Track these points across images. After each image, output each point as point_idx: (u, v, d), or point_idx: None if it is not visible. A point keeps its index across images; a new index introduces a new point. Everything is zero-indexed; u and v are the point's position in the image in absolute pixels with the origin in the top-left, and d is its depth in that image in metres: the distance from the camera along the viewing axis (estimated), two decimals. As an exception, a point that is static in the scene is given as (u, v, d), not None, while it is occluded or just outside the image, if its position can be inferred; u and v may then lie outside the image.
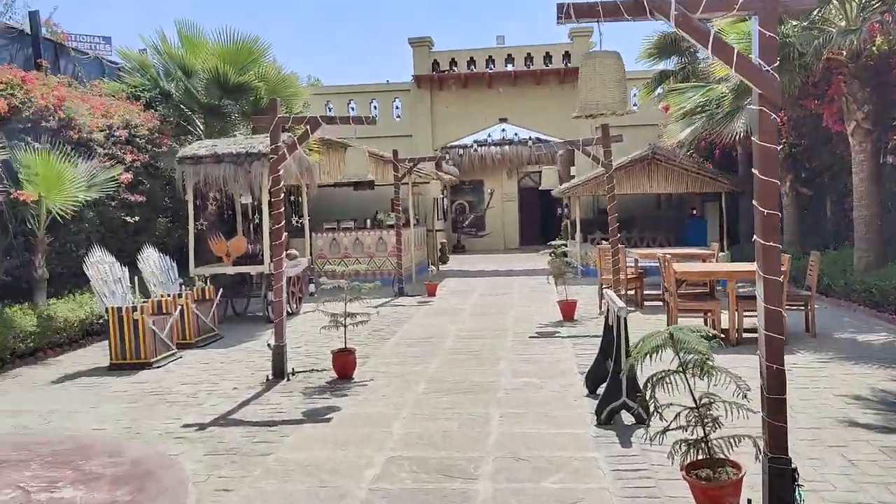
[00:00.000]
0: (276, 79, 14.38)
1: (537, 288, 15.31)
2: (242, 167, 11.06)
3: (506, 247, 27.87)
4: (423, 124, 21.65)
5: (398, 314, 12.09)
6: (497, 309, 12.38)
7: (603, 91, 3.73)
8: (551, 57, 21.81)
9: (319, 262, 16.62)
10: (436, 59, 22.02)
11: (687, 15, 3.65)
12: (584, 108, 3.81)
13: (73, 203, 9.85)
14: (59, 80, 11.41)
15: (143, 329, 8.46)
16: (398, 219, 14.92)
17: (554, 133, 22.44)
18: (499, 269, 19.93)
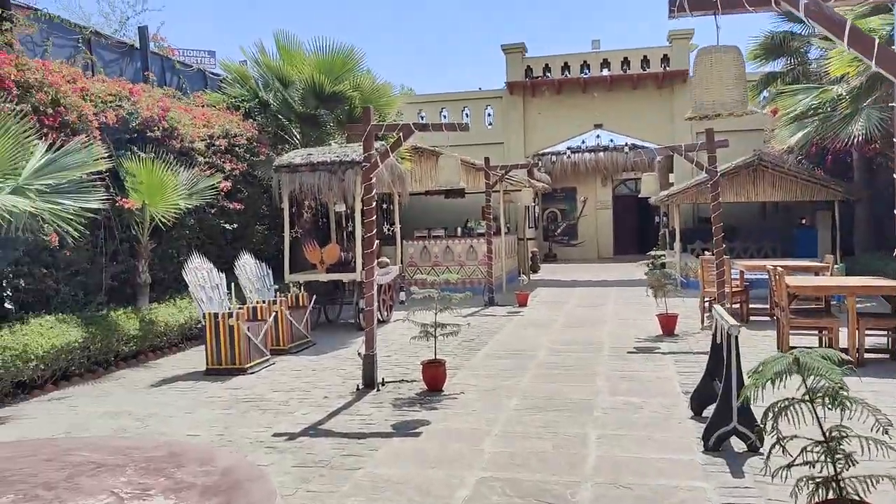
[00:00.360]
0: (370, 88, 14.48)
1: (634, 299, 14.75)
2: (336, 175, 11.13)
3: (599, 256, 27.19)
4: (516, 131, 21.40)
5: (488, 324, 11.86)
6: (592, 321, 11.96)
7: (721, 89, 3.39)
8: (649, 61, 21.14)
9: (410, 269, 16.61)
10: (529, 66, 21.74)
11: (819, 3, 3.27)
12: (699, 108, 3.47)
13: (175, 210, 10.14)
14: (164, 91, 11.83)
15: (237, 335, 8.57)
16: (489, 227, 14.72)
17: (651, 139, 21.77)
18: (592, 279, 19.39)
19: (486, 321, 12.25)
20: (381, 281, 12.20)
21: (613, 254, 27.35)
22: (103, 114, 9.42)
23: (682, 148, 10.17)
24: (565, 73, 21.50)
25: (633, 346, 9.50)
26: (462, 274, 16.35)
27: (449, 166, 6.85)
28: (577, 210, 27.60)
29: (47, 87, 8.41)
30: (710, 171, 10.04)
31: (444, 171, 6.90)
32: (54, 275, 8.80)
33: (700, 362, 8.33)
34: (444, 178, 7.03)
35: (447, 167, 6.85)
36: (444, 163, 6.93)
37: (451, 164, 6.83)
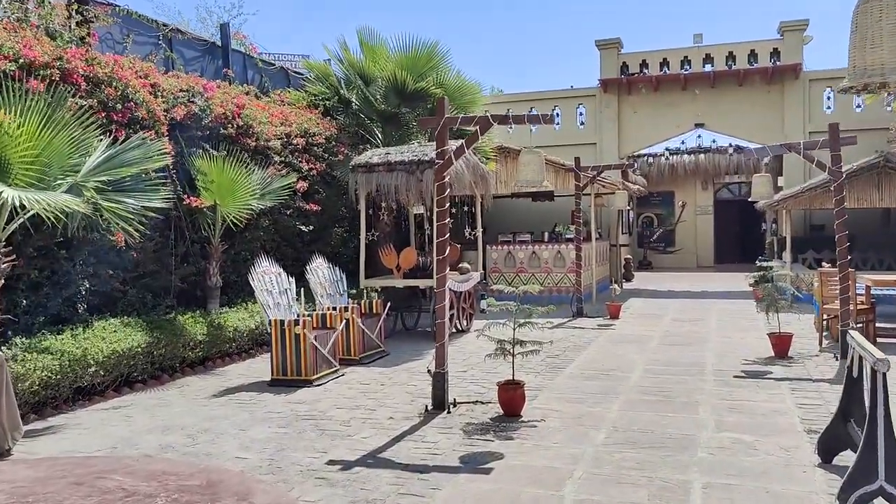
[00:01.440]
0: (454, 85, 13.82)
1: (739, 314, 13.43)
2: (414, 175, 10.50)
3: (698, 265, 25.56)
4: (609, 131, 20.27)
5: (576, 338, 10.93)
6: (692, 338, 10.83)
7: (893, 47, 2.46)
8: (757, 55, 19.58)
9: (494, 275, 15.82)
10: (625, 62, 20.57)
11: None
12: (859, 74, 2.56)
13: (247, 211, 9.74)
14: (241, 89, 11.53)
15: (304, 344, 8.03)
16: (578, 232, 13.76)
17: (758, 140, 20.09)
18: (691, 290, 18.03)
19: (574, 334, 11.31)
20: (461, 288, 11.48)
21: (714, 262, 25.66)
22: (174, 110, 9.10)
23: (800, 146, 8.96)
24: (664, 70, 20.21)
25: (741, 370, 8.38)
26: (549, 282, 15.43)
27: (531, 163, 6.04)
28: (675, 215, 26.05)
29: (116, 82, 8.12)
30: (834, 171, 8.80)
31: (526, 168, 6.10)
32: (121, 276, 8.51)
33: (821, 392, 7.19)
34: (526, 177, 6.22)
35: (530, 164, 6.05)
36: (525, 159, 6.13)
37: (533, 161, 6.03)
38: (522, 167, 6.35)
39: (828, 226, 18.75)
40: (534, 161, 6.25)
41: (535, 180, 6.26)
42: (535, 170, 6.24)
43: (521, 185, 6.52)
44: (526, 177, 6.29)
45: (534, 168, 6.23)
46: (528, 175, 6.24)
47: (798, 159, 18.65)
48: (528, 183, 6.34)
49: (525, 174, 6.30)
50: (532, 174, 6.25)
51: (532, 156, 6.31)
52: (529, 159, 6.28)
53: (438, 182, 6.61)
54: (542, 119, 6.12)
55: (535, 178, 6.23)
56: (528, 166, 6.25)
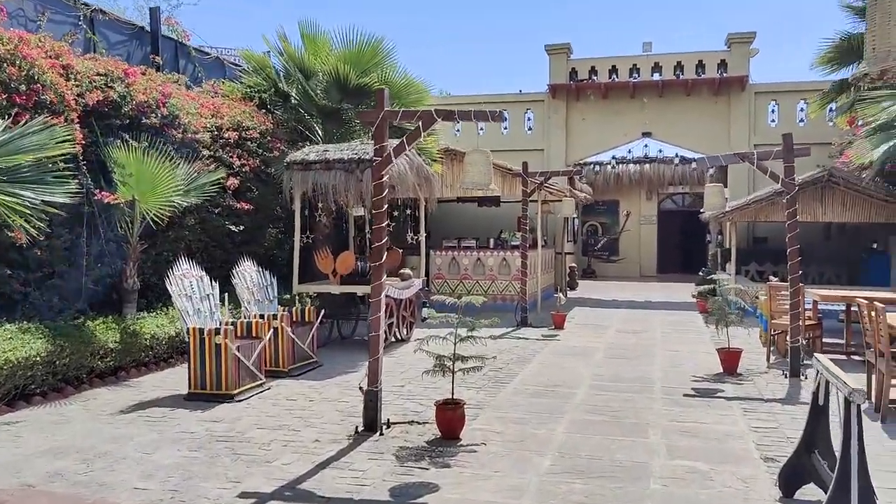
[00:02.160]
0: (399, 83, 13.22)
1: (684, 326, 13.21)
2: (354, 175, 9.89)
3: (641, 274, 25.55)
4: (557, 137, 20.00)
5: (520, 350, 10.47)
6: (638, 351, 10.49)
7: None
8: (704, 66, 19.60)
9: (437, 282, 15.29)
10: (574, 68, 20.35)
11: None
12: (879, 58, 2.11)
13: (170, 207, 8.97)
14: (168, 77, 10.72)
15: (225, 355, 7.33)
16: (524, 239, 13.34)
17: (704, 151, 20.11)
18: (635, 300, 17.85)
19: (518, 345, 10.86)
20: (402, 295, 10.91)
21: (656, 272, 25.68)
22: (88, 95, 8.28)
23: (753, 155, 8.69)
24: (613, 77, 20.07)
25: (691, 387, 8.03)
26: (493, 289, 14.97)
27: (478, 164, 5.53)
28: (620, 224, 26.01)
29: (21, 61, 7.30)
30: (787, 183, 8.55)
31: (473, 169, 5.58)
32: (21, 277, 7.66)
33: (774, 413, 6.87)
34: (472, 178, 5.71)
35: (476, 165, 5.54)
36: (472, 159, 5.61)
37: (480, 162, 5.52)
38: (469, 168, 5.83)
39: (770, 238, 18.87)
40: (481, 161, 5.73)
41: (482, 182, 5.74)
42: (482, 171, 5.72)
43: (468, 188, 6.00)
44: (472, 178, 5.76)
45: (481, 169, 5.72)
46: (475, 177, 5.72)
47: (743, 171, 18.74)
48: (475, 185, 5.82)
49: (472, 175, 5.78)
50: (479, 176, 5.73)
51: (479, 156, 5.80)
52: (476, 159, 5.77)
53: (376, 181, 6.04)
54: (491, 116, 5.61)
55: (481, 180, 5.72)
56: (475, 167, 5.73)
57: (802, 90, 18.52)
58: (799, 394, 7.72)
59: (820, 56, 14.60)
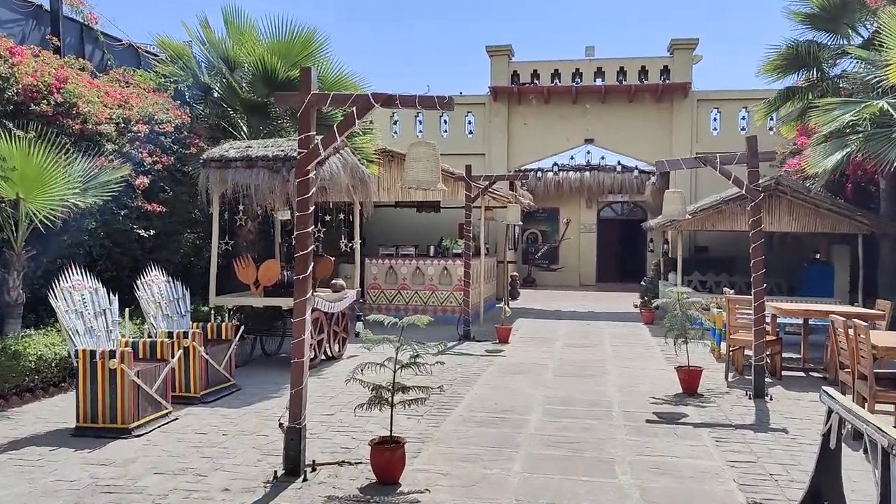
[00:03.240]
0: (332, 78, 12.22)
1: (632, 339, 12.59)
2: (279, 174, 8.85)
3: (581, 283, 25.11)
4: (499, 142, 19.28)
5: (464, 369, 9.60)
6: (590, 367, 9.76)
7: None
8: (647, 72, 19.21)
9: (373, 292, 14.29)
10: (516, 70, 19.68)
11: None
12: None
13: (63, 208, 7.75)
14: (67, 60, 9.44)
15: (122, 382, 6.21)
16: (468, 247, 12.50)
17: (646, 158, 19.79)
18: (579, 310, 17.24)
19: (462, 363, 9.98)
20: (334, 309, 9.91)
21: (595, 281, 25.29)
22: (-41, 74, 7.04)
23: (716, 160, 8.06)
24: (555, 81, 19.49)
25: (652, 411, 7.30)
26: (433, 300, 14.08)
27: (423, 159, 4.65)
28: (560, 232, 25.54)
29: None
30: (752, 189, 7.95)
31: (417, 165, 4.70)
32: None
33: (748, 442, 6.17)
34: (417, 175, 4.83)
35: (421, 161, 4.65)
36: (417, 153, 4.74)
37: (426, 157, 4.63)
38: (412, 164, 4.93)
39: (712, 247, 18.57)
40: (426, 156, 4.84)
41: (427, 180, 4.86)
42: (427, 167, 4.84)
43: (411, 187, 5.10)
44: (417, 175, 4.87)
45: (426, 165, 4.83)
46: (420, 174, 4.83)
47: (683, 179, 18.41)
48: (419, 184, 4.93)
49: (415, 172, 4.88)
50: (424, 173, 4.84)
51: (424, 149, 4.91)
52: (421, 154, 4.88)
53: (301, 178, 5.07)
54: (439, 102, 4.72)
55: (427, 177, 4.83)
56: (420, 163, 4.84)
57: (745, 98, 18.32)
58: (768, 418, 7.08)
59: (766, 63, 14.27)
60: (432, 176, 4.84)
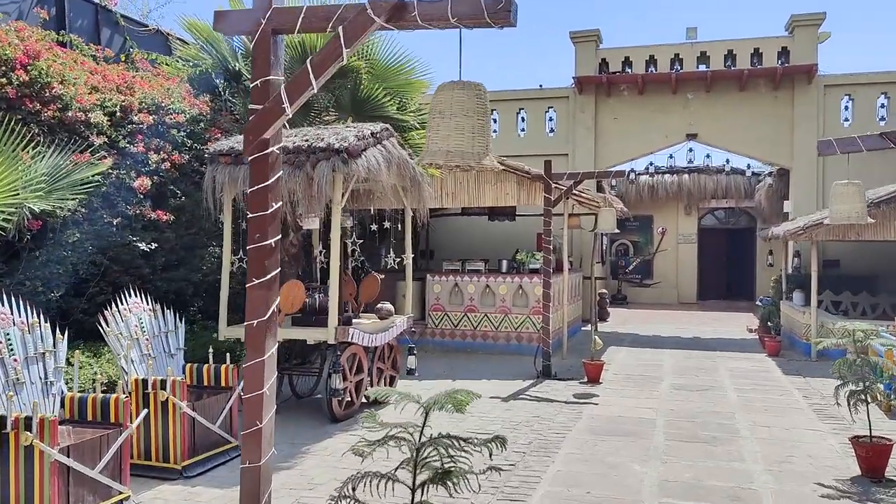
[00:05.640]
0: (384, 61, 10.24)
1: (759, 378, 9.96)
2: (302, 170, 6.85)
3: (680, 300, 22.23)
4: (584, 140, 16.86)
5: (542, 424, 7.30)
6: (713, 424, 7.28)
7: None
8: (761, 54, 16.41)
9: (435, 315, 12.15)
10: (604, 58, 17.24)
11: None
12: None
13: (14, 213, 5.96)
14: (48, 34, 7.73)
15: (40, 465, 4.27)
16: (547, 261, 10.19)
17: (760, 155, 17.00)
18: (682, 336, 14.58)
19: (539, 416, 7.69)
20: (377, 341, 7.83)
21: (697, 299, 22.35)
22: None
23: (857, 142, 5.50)
24: (651, 69, 16.93)
25: (830, 516, 4.83)
26: (506, 325, 11.81)
27: (458, 112, 2.51)
28: (654, 243, 22.76)
29: None
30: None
31: (447, 123, 2.53)
32: None
33: None
34: (445, 144, 2.66)
35: (455, 115, 2.50)
36: (446, 102, 2.56)
37: (464, 107, 2.50)
38: (439, 122, 2.76)
39: (844, 261, 15.56)
40: (467, 107, 2.66)
41: (466, 152, 2.66)
42: (467, 127, 2.66)
43: (436, 162, 2.90)
44: (447, 143, 2.71)
45: (465, 124, 2.65)
46: (453, 139, 2.67)
47: (809, 180, 15.52)
48: (451, 157, 2.77)
49: (445, 135, 2.71)
50: (460, 137, 2.66)
51: (463, 94, 2.73)
52: (458, 102, 2.71)
53: (256, 154, 2.99)
54: (488, 10, 2.54)
55: (464, 146, 2.65)
56: (454, 119, 2.68)
57: (885, 81, 15.30)
58: None
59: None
60: (475, 143, 2.69)
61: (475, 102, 2.78)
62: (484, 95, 2.85)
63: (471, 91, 2.79)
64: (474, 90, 2.79)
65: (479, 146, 2.76)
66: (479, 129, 2.76)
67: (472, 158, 2.75)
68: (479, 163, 2.77)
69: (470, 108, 2.77)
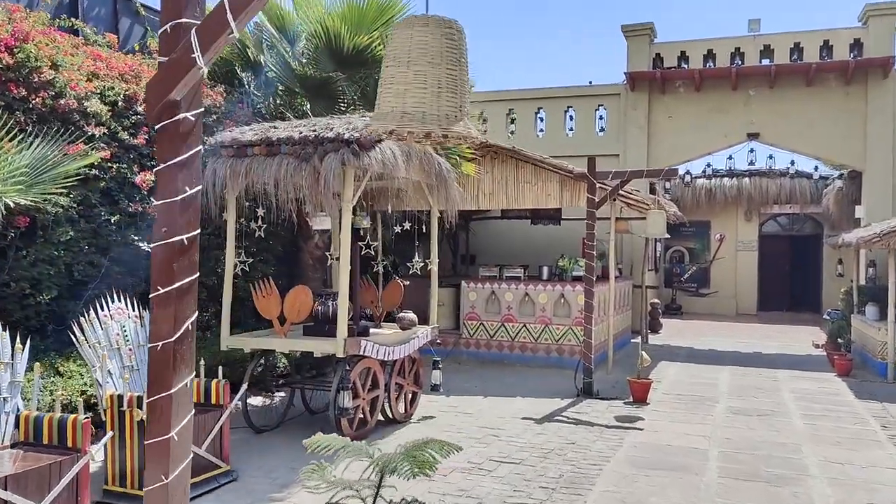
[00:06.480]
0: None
1: (827, 401, 8.87)
2: (309, 163, 6.16)
3: (738, 312, 20.89)
4: (636, 140, 15.83)
5: (576, 453, 6.43)
6: (777, 459, 6.30)
7: None
8: (831, 47, 15.14)
9: (470, 324, 11.35)
10: (658, 53, 16.20)
11: None
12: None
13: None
14: (43, 15, 7.23)
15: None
16: (590, 268, 9.29)
17: (830, 155, 15.72)
18: (740, 350, 13.43)
19: (574, 441, 6.82)
20: (396, 354, 7.08)
21: (757, 310, 20.98)
22: None
23: None
24: (709, 64, 15.82)
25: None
26: (546, 337, 10.93)
27: (418, 59, 1.71)
28: (711, 251, 21.48)
29: None
30: None
31: (404, 74, 1.73)
32: None
33: None
34: (392, 104, 1.89)
35: (415, 62, 1.71)
36: (403, 38, 1.74)
37: (424, 49, 1.67)
38: (393, 74, 1.98)
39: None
40: (432, 49, 1.88)
41: (423, 112, 1.85)
42: (431, 79, 1.88)
43: (387, 127, 2.14)
44: (393, 102, 1.93)
45: (428, 75, 1.87)
46: (402, 98, 1.89)
47: (884, 183, 14.20)
48: (408, 120, 1.99)
49: (394, 93, 1.93)
50: (416, 94, 1.87)
51: (421, 33, 1.93)
52: (416, 42, 1.92)
53: (164, 122, 2.27)
54: None
55: (423, 105, 1.85)
56: (413, 67, 1.90)
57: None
58: None
59: None
60: (442, 103, 1.90)
61: (443, 45, 2.00)
62: (458, 37, 2.06)
63: (437, 29, 2.00)
64: (443, 28, 2.01)
65: (447, 106, 1.97)
66: (449, 82, 1.98)
67: (436, 122, 1.96)
68: (448, 130, 1.99)
69: (436, 54, 2.00)
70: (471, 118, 2.28)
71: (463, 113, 2.06)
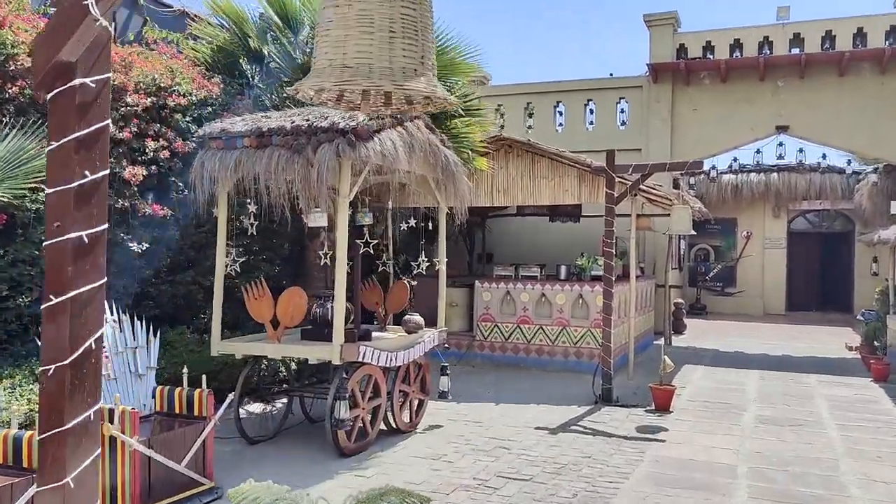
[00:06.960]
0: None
1: (863, 408, 8.29)
2: (302, 154, 5.72)
3: (765, 312, 20.17)
4: (659, 134, 15.22)
5: (591, 468, 5.93)
6: (813, 477, 5.76)
7: None
8: (865, 35, 14.44)
9: (484, 325, 10.86)
10: (682, 43, 15.59)
11: None
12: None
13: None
14: (23, 2, 6.85)
15: None
16: (609, 267, 8.76)
17: (863, 149, 15.02)
18: (769, 353, 12.81)
19: (590, 454, 6.32)
20: (399, 360, 6.62)
21: (785, 310, 20.25)
22: None
23: None
24: (735, 54, 15.18)
25: None
26: (564, 339, 10.42)
27: None
28: (738, 248, 20.77)
29: None
30: None
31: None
32: None
33: None
34: (333, 52, 1.40)
35: None
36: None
37: None
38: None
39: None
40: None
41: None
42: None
43: (319, 87, 1.69)
44: (334, 49, 1.47)
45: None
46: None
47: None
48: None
49: (335, 37, 1.48)
50: (363, 39, 1.42)
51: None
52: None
53: (57, 88, 1.81)
54: None
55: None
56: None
57: None
58: None
59: None
60: (394, 53, 1.42)
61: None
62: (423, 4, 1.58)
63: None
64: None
65: (405, 59, 1.50)
66: (405, 24, 1.51)
67: (388, 78, 1.49)
68: (403, 87, 1.52)
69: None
70: (486, 111, 1.80)
71: (426, 67, 1.59)
